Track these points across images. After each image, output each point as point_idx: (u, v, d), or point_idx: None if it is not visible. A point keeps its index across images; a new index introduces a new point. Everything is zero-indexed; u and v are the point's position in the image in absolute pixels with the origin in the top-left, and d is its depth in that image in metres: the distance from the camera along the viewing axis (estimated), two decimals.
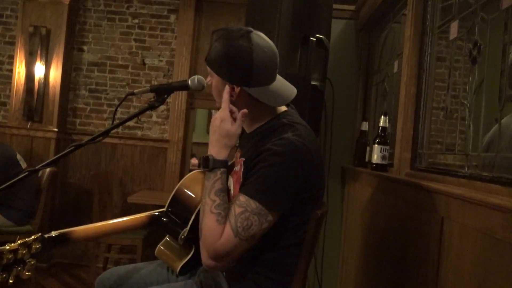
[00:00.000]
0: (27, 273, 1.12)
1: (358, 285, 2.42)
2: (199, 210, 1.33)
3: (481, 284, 1.13)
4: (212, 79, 1.32)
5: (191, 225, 1.32)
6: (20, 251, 1.09)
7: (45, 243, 1.17)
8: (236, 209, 1.15)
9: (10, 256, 1.07)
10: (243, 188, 1.19)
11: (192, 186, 1.42)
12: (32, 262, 1.13)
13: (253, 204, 1.15)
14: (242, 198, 1.16)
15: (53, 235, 1.21)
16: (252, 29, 1.27)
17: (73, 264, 3.90)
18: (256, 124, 1.32)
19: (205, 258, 1.18)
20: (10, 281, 1.09)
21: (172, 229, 1.40)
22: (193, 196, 1.39)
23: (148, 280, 1.46)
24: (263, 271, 1.26)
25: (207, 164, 1.21)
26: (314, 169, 1.24)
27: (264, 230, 1.17)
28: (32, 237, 1.14)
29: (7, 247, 1.08)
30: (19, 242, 1.10)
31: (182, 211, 1.39)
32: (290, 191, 1.19)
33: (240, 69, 1.23)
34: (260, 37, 1.27)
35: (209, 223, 1.17)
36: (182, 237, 1.33)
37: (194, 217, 1.32)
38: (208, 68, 1.31)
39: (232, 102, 1.25)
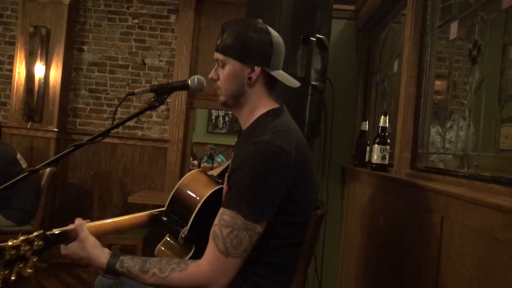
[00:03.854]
0: (28, 270, 1.11)
1: (358, 285, 2.42)
2: (199, 209, 1.33)
3: (481, 284, 1.13)
4: (217, 72, 1.30)
5: (191, 224, 1.33)
6: (22, 248, 1.09)
7: (47, 240, 1.17)
8: (223, 231, 1.12)
9: (12, 252, 1.06)
10: (226, 203, 1.16)
11: (191, 185, 1.43)
12: (34, 259, 1.12)
13: (239, 221, 1.12)
14: (226, 216, 1.13)
15: (55, 232, 1.21)
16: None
17: (73, 264, 3.89)
18: (249, 122, 1.32)
19: None
20: (12, 278, 1.08)
21: (172, 228, 1.40)
22: (193, 195, 1.40)
23: None
24: (263, 273, 1.25)
25: (113, 274, 1.19)
26: (296, 170, 1.19)
27: (255, 242, 1.15)
28: (34, 233, 1.13)
29: (10, 243, 1.07)
30: (21, 238, 1.10)
31: (182, 210, 1.39)
32: (273, 197, 1.15)
33: (262, 48, 1.25)
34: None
35: (176, 277, 1.14)
36: (182, 235, 1.33)
37: (194, 216, 1.33)
38: (219, 58, 1.29)
39: (248, 85, 1.27)
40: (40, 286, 3.30)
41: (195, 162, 7.20)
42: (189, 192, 1.41)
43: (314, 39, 2.05)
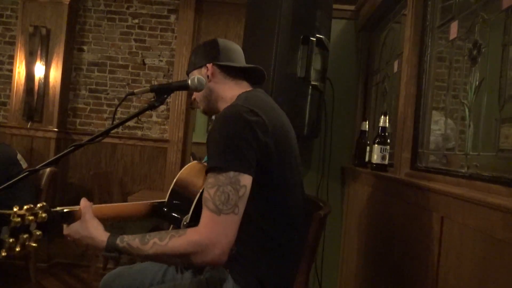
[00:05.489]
0: (33, 244, 1.12)
1: (358, 285, 2.42)
2: (200, 197, 1.36)
3: (481, 284, 1.13)
4: (195, 93, 1.46)
5: (192, 212, 1.35)
6: (27, 217, 1.09)
7: (51, 214, 1.17)
8: (210, 192, 1.14)
9: (17, 220, 1.07)
10: (207, 167, 1.19)
11: (190, 176, 1.46)
12: (38, 233, 1.13)
13: (221, 177, 1.14)
14: (210, 179, 1.16)
15: (58, 210, 1.23)
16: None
17: (73, 264, 3.90)
18: None
19: (214, 258, 1.14)
20: (17, 249, 1.08)
21: (174, 218, 1.42)
22: (192, 185, 1.43)
23: (153, 279, 1.48)
24: (262, 261, 1.26)
25: (113, 250, 1.20)
26: (270, 132, 1.22)
27: (243, 197, 1.15)
28: (38, 205, 1.14)
29: (15, 209, 1.08)
30: (25, 207, 1.10)
31: (182, 201, 1.42)
32: (245, 150, 1.17)
33: (206, 50, 1.45)
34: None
35: (176, 243, 1.14)
36: (185, 223, 1.35)
37: (195, 204, 1.35)
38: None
39: (209, 82, 1.41)
40: (40, 286, 3.30)
41: (195, 162, 7.19)
42: (188, 182, 1.44)
43: (314, 39, 2.05)
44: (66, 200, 4.04)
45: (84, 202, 1.30)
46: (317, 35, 2.07)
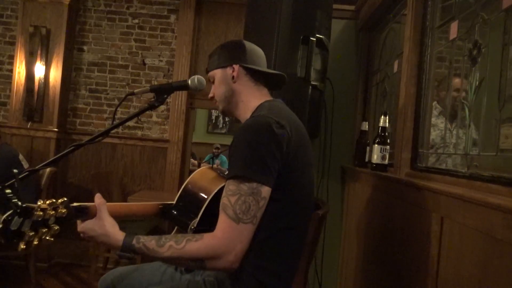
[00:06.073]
0: (50, 239, 1.12)
1: (358, 285, 2.42)
2: (209, 202, 1.37)
3: (481, 284, 1.13)
4: (212, 90, 1.46)
5: (200, 217, 1.34)
6: (48, 211, 1.10)
7: (69, 210, 1.18)
8: (231, 199, 1.17)
9: (40, 213, 1.07)
10: (229, 174, 1.21)
11: (201, 181, 1.47)
12: (56, 228, 1.13)
13: (243, 187, 1.17)
14: (232, 186, 1.18)
15: (75, 205, 1.23)
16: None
17: (73, 264, 3.90)
18: (246, 116, 1.38)
19: (226, 265, 1.16)
20: (35, 242, 1.09)
21: (182, 221, 1.43)
22: (203, 190, 1.43)
23: (151, 279, 1.47)
24: (262, 263, 1.26)
25: (129, 250, 1.21)
26: (293, 144, 1.24)
27: (262, 208, 1.19)
28: (59, 200, 1.15)
29: (39, 203, 1.09)
30: (48, 202, 1.11)
31: (191, 205, 1.43)
32: (269, 162, 1.18)
33: (234, 49, 1.44)
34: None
35: (193, 247, 1.16)
36: (192, 227, 1.35)
37: (204, 209, 1.36)
38: (209, 76, 1.47)
39: (233, 83, 1.41)
40: (40, 286, 3.30)
41: (195, 162, 7.21)
42: (199, 187, 1.45)
43: (314, 39, 2.05)
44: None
45: (98, 199, 1.28)
46: (317, 35, 2.07)
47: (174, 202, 1.47)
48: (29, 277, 3.08)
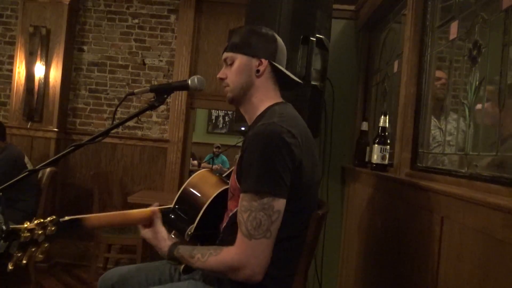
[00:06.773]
0: (40, 256, 1.13)
1: (358, 285, 2.42)
2: (206, 208, 1.36)
3: (481, 284, 1.13)
4: (225, 72, 1.38)
5: (198, 222, 1.34)
6: (36, 231, 1.10)
7: (60, 226, 1.18)
8: (243, 216, 1.18)
9: (27, 235, 1.08)
10: (242, 187, 1.21)
11: (199, 184, 1.45)
12: (46, 245, 1.14)
13: (254, 203, 1.17)
14: (245, 202, 1.18)
15: (67, 219, 1.22)
16: None
17: (73, 264, 3.90)
18: (257, 113, 1.37)
19: (245, 278, 1.19)
20: (24, 261, 1.09)
21: (179, 225, 1.41)
22: (201, 194, 1.42)
23: (150, 279, 1.47)
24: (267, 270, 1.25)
25: (173, 259, 1.33)
26: (303, 154, 1.24)
27: (276, 221, 1.18)
28: (48, 218, 1.15)
29: (25, 225, 1.09)
30: (36, 222, 1.11)
31: (189, 209, 1.41)
32: (282, 174, 1.18)
33: (267, 43, 1.36)
34: None
35: (212, 261, 1.22)
36: (189, 233, 1.35)
37: (201, 215, 1.34)
38: (228, 57, 1.37)
39: (256, 77, 1.35)
40: (40, 286, 3.30)
41: (195, 162, 7.21)
42: (197, 191, 1.43)
43: (314, 39, 2.05)
44: (66, 200, 4.04)
45: (154, 210, 1.40)
46: (317, 35, 2.07)
47: (171, 206, 1.45)
48: (29, 277, 3.08)
